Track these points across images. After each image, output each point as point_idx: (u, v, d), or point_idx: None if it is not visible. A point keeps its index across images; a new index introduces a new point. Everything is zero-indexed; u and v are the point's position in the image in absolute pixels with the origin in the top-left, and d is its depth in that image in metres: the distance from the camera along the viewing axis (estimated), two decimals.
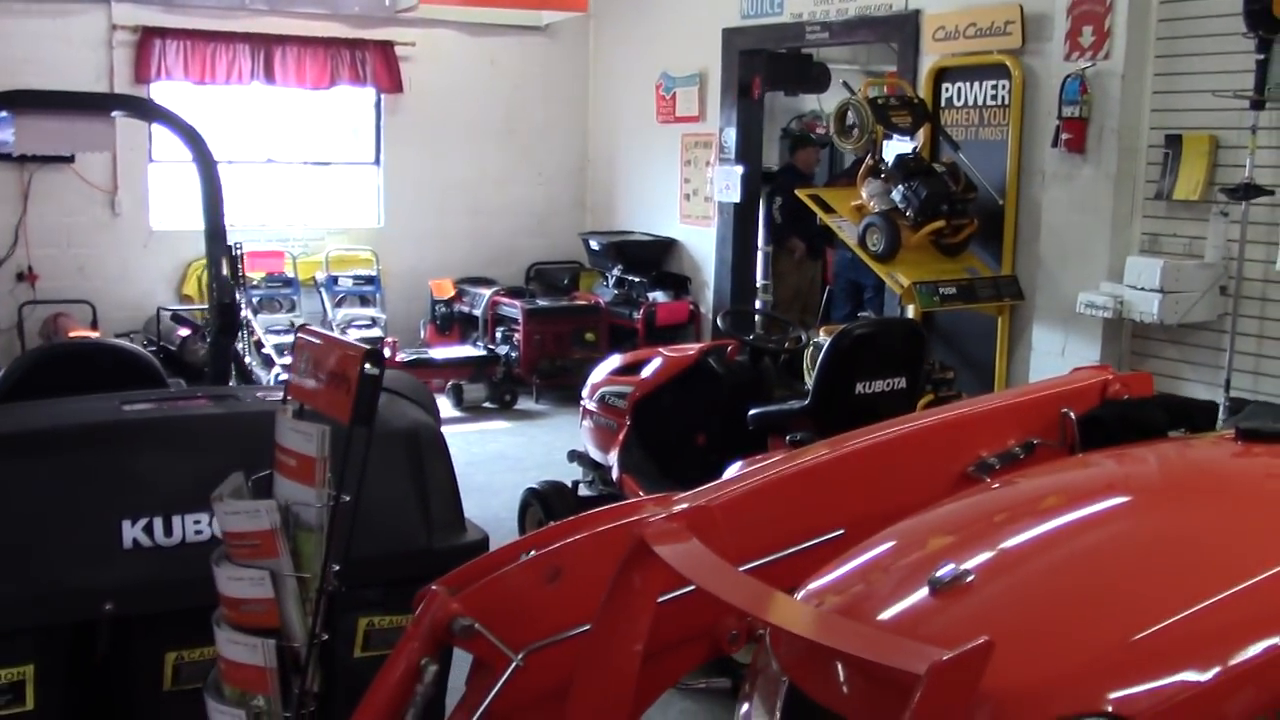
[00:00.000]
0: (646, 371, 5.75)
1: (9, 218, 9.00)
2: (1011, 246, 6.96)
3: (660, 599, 2.07)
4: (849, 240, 6.87)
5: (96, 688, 3.22)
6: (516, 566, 2.22)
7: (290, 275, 9.74)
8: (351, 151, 10.49)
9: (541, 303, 9.78)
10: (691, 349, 5.89)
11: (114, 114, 4.20)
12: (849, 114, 6.84)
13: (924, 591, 1.83)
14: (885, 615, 1.84)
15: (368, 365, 2.13)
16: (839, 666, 1.75)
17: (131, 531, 2.99)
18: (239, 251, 8.99)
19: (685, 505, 2.29)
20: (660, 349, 6.17)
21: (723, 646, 2.34)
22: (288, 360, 8.63)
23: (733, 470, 4.48)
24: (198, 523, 3.04)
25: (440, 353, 9.50)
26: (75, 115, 4.01)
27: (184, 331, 8.15)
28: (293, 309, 9.65)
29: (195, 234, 9.41)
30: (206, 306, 8.97)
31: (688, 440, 5.65)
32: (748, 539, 2.30)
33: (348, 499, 2.18)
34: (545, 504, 5.85)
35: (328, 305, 9.76)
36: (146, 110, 4.23)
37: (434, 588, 2.17)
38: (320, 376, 2.24)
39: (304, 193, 10.27)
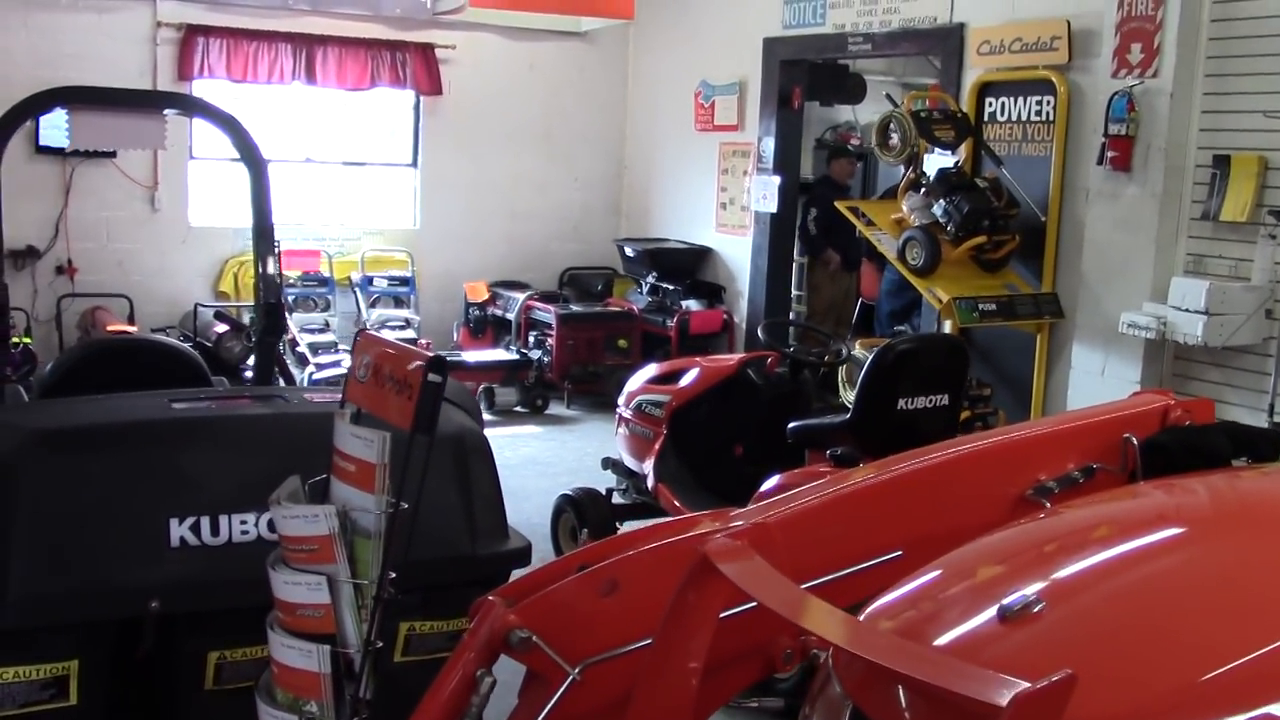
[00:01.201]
0: (684, 381, 5.73)
1: (50, 211, 9.06)
2: (1053, 264, 6.91)
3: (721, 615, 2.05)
4: (888, 254, 6.83)
5: (139, 685, 3.23)
6: (573, 580, 2.20)
7: (326, 275, 9.78)
8: (389, 153, 10.51)
9: (575, 308, 9.78)
10: (730, 359, 5.87)
11: (167, 113, 4.20)
12: (891, 126, 6.80)
13: (993, 618, 1.80)
14: (953, 641, 1.81)
15: (431, 373, 2.12)
16: (906, 693, 1.72)
17: (179, 530, 3.00)
18: (276, 250, 9.05)
19: (743, 522, 2.26)
20: (698, 359, 6.15)
21: (776, 665, 2.31)
22: (322, 359, 8.69)
23: (771, 483, 4.49)
24: (244, 523, 3.04)
25: (473, 356, 9.50)
26: (128, 112, 4.02)
27: (221, 328, 8.16)
28: (328, 308, 9.67)
29: (233, 231, 9.65)
30: (242, 303, 9.05)
31: (725, 451, 5.63)
32: (805, 558, 2.28)
33: (406, 506, 2.16)
34: (579, 511, 5.84)
35: (362, 305, 9.78)
36: (200, 110, 4.23)
37: (491, 599, 2.15)
38: (380, 381, 2.23)
39: (341, 193, 10.30)
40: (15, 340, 8.03)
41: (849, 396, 6.43)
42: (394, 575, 2.16)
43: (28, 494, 2.90)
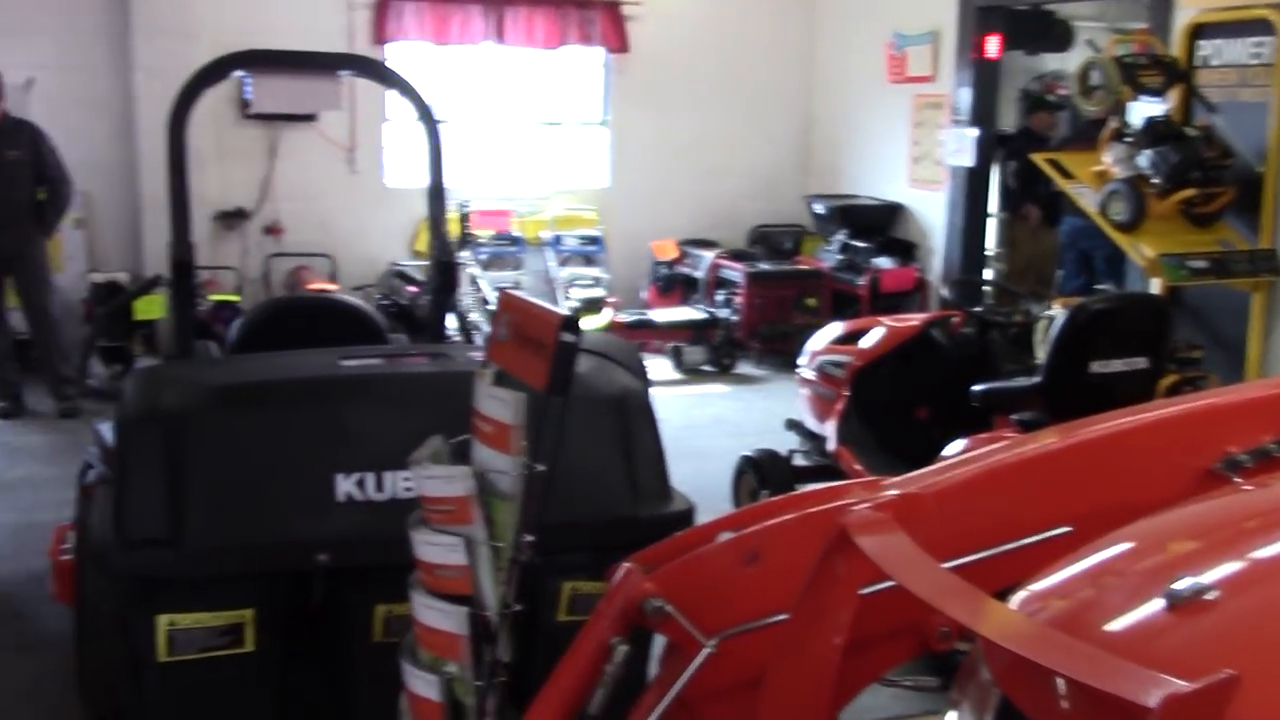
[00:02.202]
0: (867, 341, 5.57)
1: (259, 173, 9.43)
2: (1271, 218, 6.41)
3: (864, 591, 1.93)
4: (1089, 208, 6.47)
5: (311, 635, 3.32)
6: (713, 548, 2.12)
7: (517, 234, 9.90)
8: (579, 112, 10.53)
9: (764, 266, 9.65)
10: (914, 319, 5.68)
11: (340, 74, 4.27)
12: (1093, 74, 6.42)
13: (1159, 606, 1.63)
14: (1113, 630, 1.65)
15: (565, 333, 2.06)
16: (1059, 683, 1.58)
17: (345, 485, 3.05)
18: (467, 210, 9.22)
19: (895, 492, 2.13)
20: (881, 318, 5.97)
21: (931, 644, 2.18)
22: None
23: (955, 448, 4.30)
24: (407, 479, 3.06)
25: (661, 314, 9.49)
26: (304, 75, 4.11)
27: (413, 288, 8.38)
28: (518, 267, 9.82)
29: (425, 192, 9.81)
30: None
31: (908, 414, 5.46)
32: (963, 531, 2.13)
33: (543, 469, 2.12)
34: (760, 472, 5.76)
35: (552, 264, 9.87)
36: (373, 71, 4.29)
37: (627, 565, 2.09)
38: (520, 342, 2.19)
39: (532, 153, 10.38)
40: (214, 297, 8.43)
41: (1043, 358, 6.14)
42: (531, 539, 2.12)
43: (202, 448, 3.00)
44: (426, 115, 4.12)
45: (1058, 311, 6.24)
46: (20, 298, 7.68)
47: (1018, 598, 1.87)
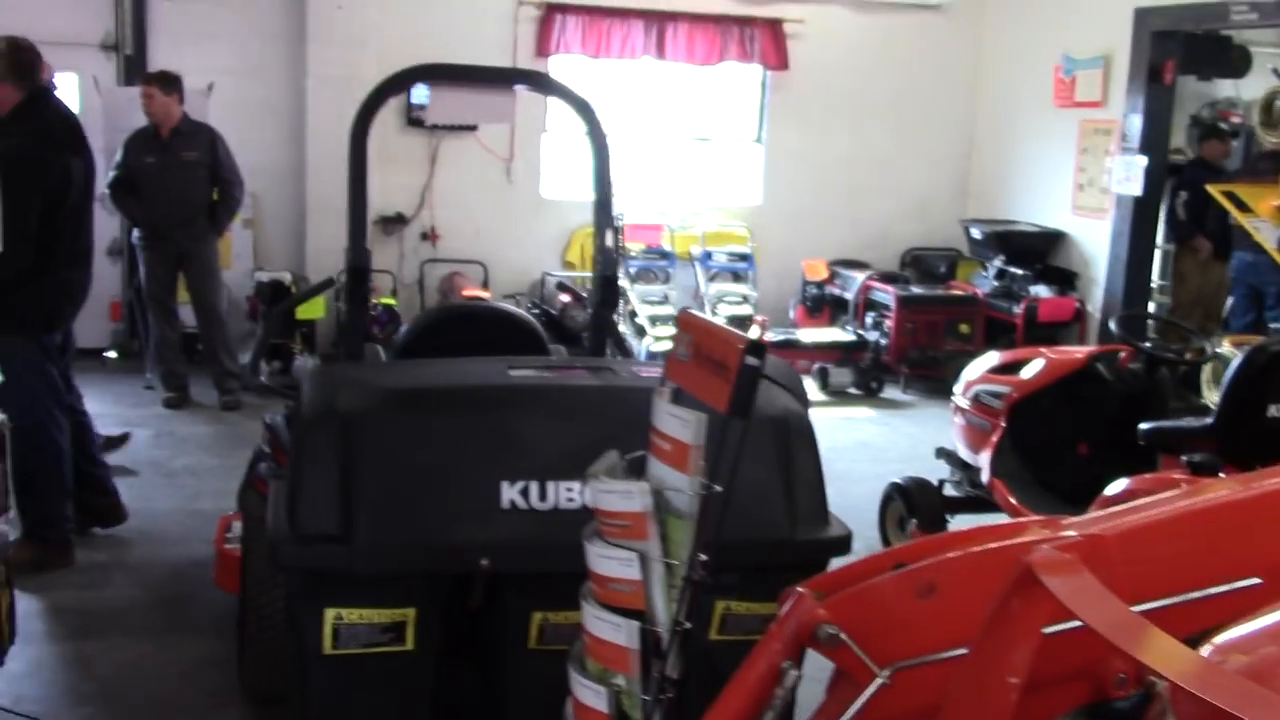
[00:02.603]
0: (1028, 372, 5.47)
1: (418, 180, 9.70)
2: None
3: (1044, 631, 1.92)
4: (1267, 244, 6.26)
5: (467, 637, 3.40)
6: (888, 578, 2.12)
7: (667, 248, 9.98)
8: (733, 128, 10.57)
9: (916, 290, 9.56)
10: (1078, 352, 5.56)
11: (515, 87, 4.38)
12: (1277, 104, 6.21)
13: None
14: None
15: (749, 356, 2.09)
16: None
17: (509, 492, 3.09)
18: (619, 223, 9.33)
19: (1076, 533, 2.11)
20: (1043, 349, 5.86)
21: (1106, 690, 2.14)
22: (659, 331, 8.88)
23: (1117, 488, 4.20)
24: (569, 490, 3.10)
25: (808, 335, 9.46)
26: (480, 88, 4.21)
27: (565, 297, 8.51)
28: (667, 281, 9.89)
29: (580, 204, 9.96)
30: (587, 275, 9.39)
31: (1067, 449, 5.34)
32: (1146, 576, 2.10)
33: (720, 490, 2.15)
34: (908, 500, 5.69)
35: (701, 280, 9.91)
36: (546, 85, 4.37)
37: (800, 590, 2.11)
38: (700, 362, 2.23)
39: (685, 167, 10.46)
40: (377, 301, 8.68)
41: (1213, 398, 5.94)
42: (705, 558, 2.15)
43: (376, 448, 3.08)
44: (597, 132, 4.18)
45: (1229, 351, 6.06)
46: (190, 294, 8.02)
47: (1207, 648, 1.83)
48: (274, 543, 3.14)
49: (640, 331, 8.95)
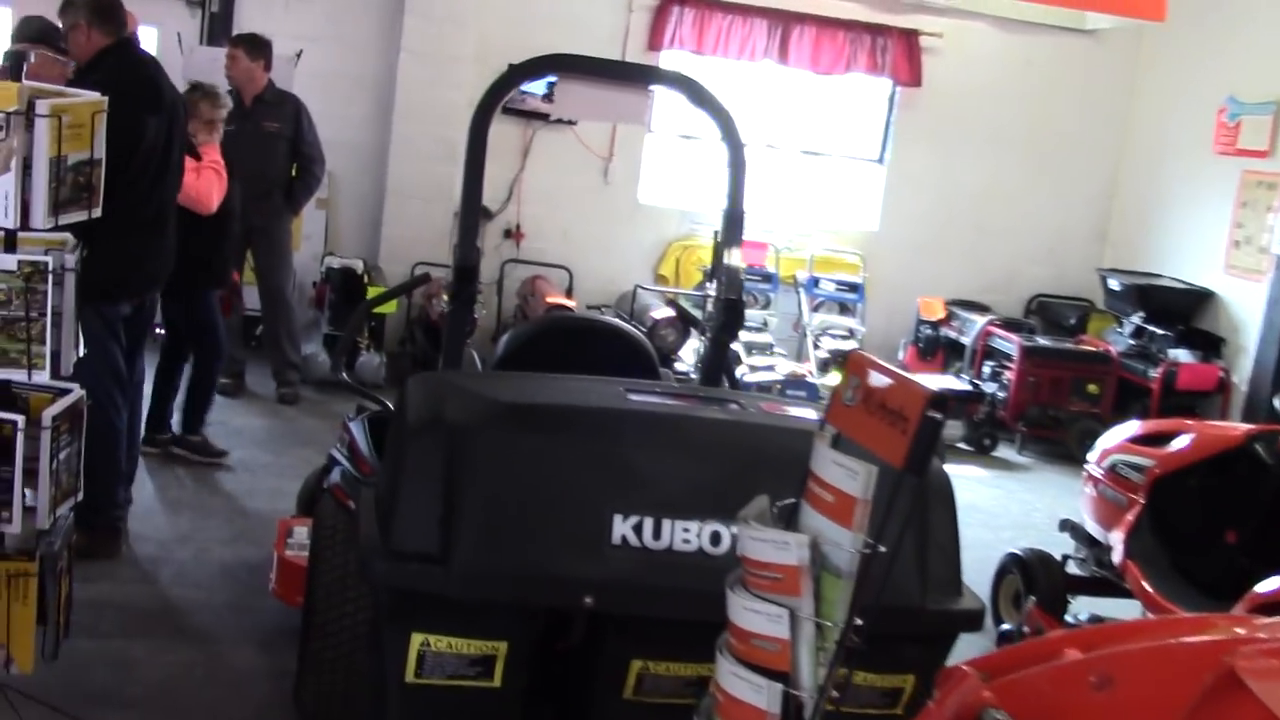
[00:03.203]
0: (1175, 446, 5.42)
1: (508, 173, 9.78)
2: None
3: None
4: None
5: (556, 677, 3.43)
6: (1061, 665, 2.14)
7: (771, 270, 9.99)
8: (854, 146, 10.57)
9: (1042, 341, 9.50)
10: (1235, 429, 5.51)
11: (651, 88, 4.42)
12: None
13: None
14: None
15: (933, 410, 2.11)
16: None
17: (621, 527, 3.09)
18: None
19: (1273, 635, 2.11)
20: (1190, 421, 5.81)
21: None
22: (756, 360, 8.90)
23: (1270, 585, 4.16)
24: (686, 530, 3.12)
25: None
26: (615, 85, 4.26)
27: (657, 314, 8.54)
28: (768, 305, 9.90)
29: (680, 213, 10.04)
30: (685, 290, 9.43)
31: (1214, 536, 5.29)
32: None
33: (884, 550, 2.17)
34: (1027, 575, 5.66)
35: (805, 308, 9.91)
36: (685, 86, 4.36)
37: (965, 668, 2.13)
38: (871, 409, 2.25)
39: (798, 184, 10.47)
40: (483, 305, 8.76)
41: None
42: (860, 623, 2.17)
43: (483, 465, 3.09)
44: (736, 145, 4.22)
45: None
46: (256, 275, 8.12)
47: None
48: (365, 557, 3.18)
49: (735, 358, 8.98)
